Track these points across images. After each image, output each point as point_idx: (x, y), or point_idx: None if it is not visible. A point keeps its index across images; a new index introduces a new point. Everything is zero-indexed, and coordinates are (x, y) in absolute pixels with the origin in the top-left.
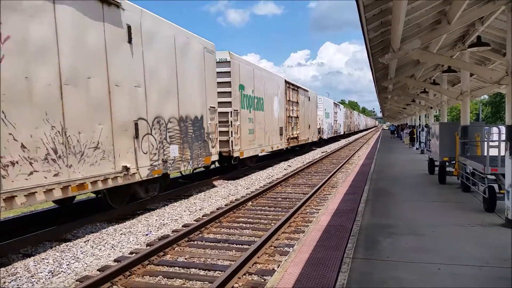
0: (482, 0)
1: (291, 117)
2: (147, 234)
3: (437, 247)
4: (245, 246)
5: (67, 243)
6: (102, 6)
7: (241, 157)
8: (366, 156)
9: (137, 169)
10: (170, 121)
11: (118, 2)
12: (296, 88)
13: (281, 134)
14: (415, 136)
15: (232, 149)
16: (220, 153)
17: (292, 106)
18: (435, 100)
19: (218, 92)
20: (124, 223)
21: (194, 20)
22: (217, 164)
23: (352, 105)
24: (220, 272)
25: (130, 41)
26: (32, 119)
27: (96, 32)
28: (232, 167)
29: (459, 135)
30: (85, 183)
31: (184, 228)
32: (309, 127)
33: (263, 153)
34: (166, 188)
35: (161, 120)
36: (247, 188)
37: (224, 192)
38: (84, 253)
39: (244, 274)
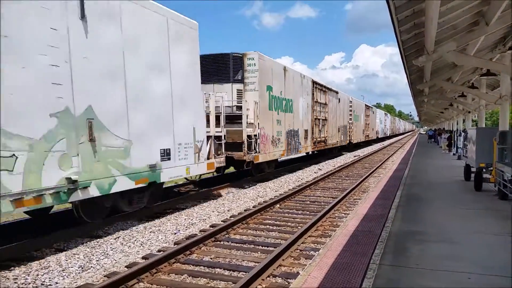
0: None
1: (366, 124)
2: (175, 233)
3: (468, 255)
4: (270, 248)
5: (98, 239)
6: (337, 94)
7: (353, 143)
8: (400, 161)
9: (338, 142)
10: (341, 127)
11: (337, 92)
12: (368, 108)
13: (362, 134)
14: (452, 141)
15: (350, 139)
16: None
17: (366, 117)
18: (473, 104)
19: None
20: (154, 222)
21: (230, 23)
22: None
23: (388, 109)
24: (244, 273)
25: (338, 103)
26: (332, 126)
27: (334, 102)
28: (349, 148)
29: (497, 141)
30: (334, 143)
31: (211, 228)
32: (372, 130)
33: (355, 142)
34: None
35: (341, 126)
36: (275, 191)
37: (252, 194)
38: (113, 249)
39: (268, 276)
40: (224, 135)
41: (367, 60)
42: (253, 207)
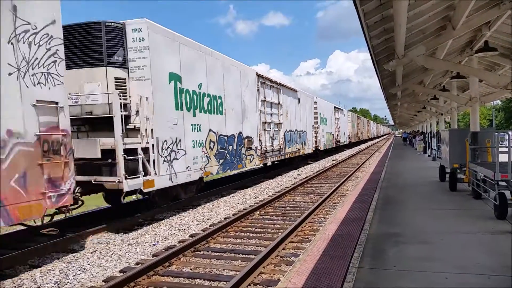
0: (487, 5)
1: (368, 130)
2: (154, 245)
3: (445, 255)
4: (251, 256)
5: (74, 254)
6: (359, 118)
7: (365, 139)
8: (377, 164)
9: (363, 138)
10: (362, 131)
11: (360, 117)
12: (368, 121)
13: (367, 134)
14: (426, 142)
15: (363, 137)
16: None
17: (368, 126)
18: (445, 106)
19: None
20: (132, 234)
21: (204, 32)
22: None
23: (364, 113)
24: (225, 283)
25: (362, 122)
26: (361, 131)
27: (361, 122)
28: (364, 141)
29: (469, 142)
30: (360, 138)
31: (190, 238)
32: (370, 132)
33: (365, 138)
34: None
35: (362, 131)
36: (255, 198)
37: (232, 202)
38: (90, 264)
39: (249, 285)
40: None
41: (341, 66)
42: (233, 215)
